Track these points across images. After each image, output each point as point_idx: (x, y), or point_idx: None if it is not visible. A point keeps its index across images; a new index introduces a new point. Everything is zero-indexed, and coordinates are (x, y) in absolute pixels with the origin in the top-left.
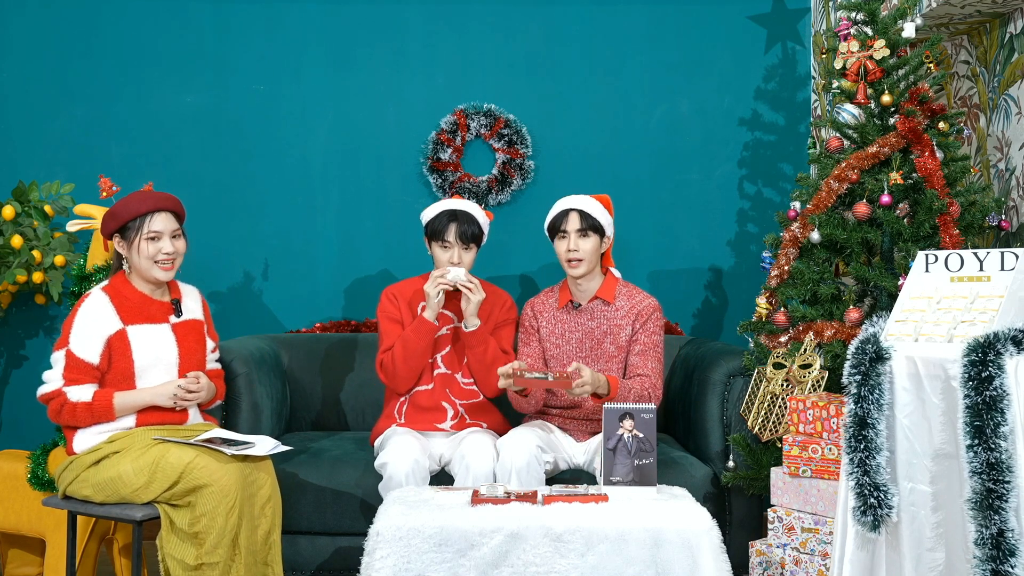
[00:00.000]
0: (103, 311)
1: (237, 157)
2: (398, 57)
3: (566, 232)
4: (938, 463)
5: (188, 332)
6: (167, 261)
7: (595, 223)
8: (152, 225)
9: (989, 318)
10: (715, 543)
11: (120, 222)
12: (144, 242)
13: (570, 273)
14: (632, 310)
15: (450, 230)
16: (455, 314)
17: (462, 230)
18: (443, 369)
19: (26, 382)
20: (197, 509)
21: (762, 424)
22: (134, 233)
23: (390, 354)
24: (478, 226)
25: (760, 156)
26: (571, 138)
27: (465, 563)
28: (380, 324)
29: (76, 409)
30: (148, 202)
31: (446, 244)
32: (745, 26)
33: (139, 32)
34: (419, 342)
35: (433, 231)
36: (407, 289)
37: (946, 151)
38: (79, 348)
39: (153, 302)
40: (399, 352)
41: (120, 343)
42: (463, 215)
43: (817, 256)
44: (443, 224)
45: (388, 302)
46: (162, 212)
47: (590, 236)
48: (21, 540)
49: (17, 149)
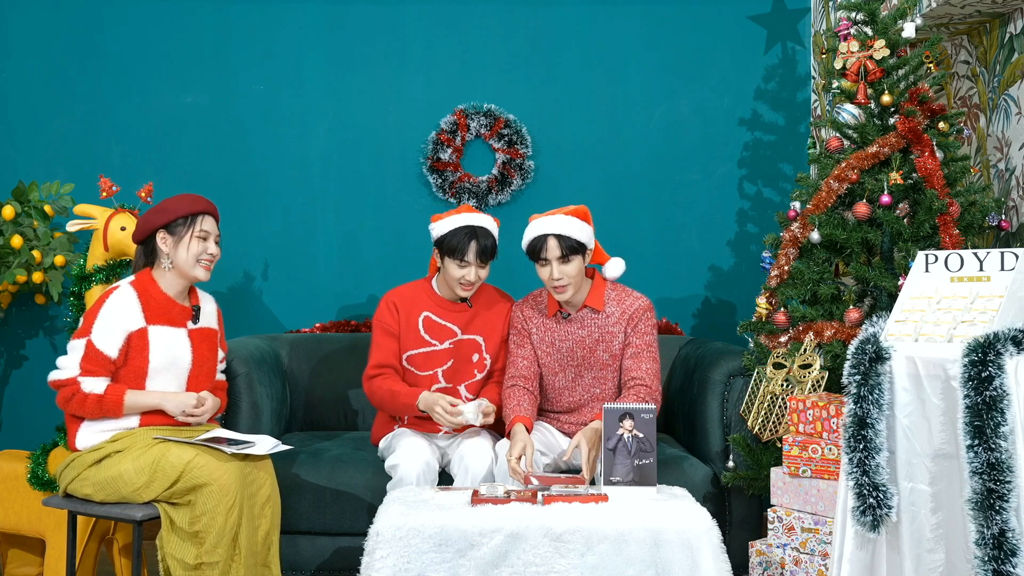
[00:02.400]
0: (130, 307)
1: (237, 157)
2: (398, 57)
3: (547, 260)
4: (938, 463)
5: (203, 340)
6: (209, 262)
7: (574, 244)
8: (204, 225)
9: (989, 318)
10: (715, 543)
11: (171, 217)
12: (194, 239)
13: (558, 298)
14: (623, 315)
15: (471, 249)
16: (458, 327)
17: (482, 248)
18: (443, 383)
19: (26, 382)
20: (197, 508)
21: (762, 424)
22: (185, 230)
23: (378, 388)
24: (494, 240)
25: (760, 156)
26: (571, 138)
27: (465, 563)
28: (374, 334)
29: (87, 400)
30: (201, 203)
31: (464, 263)
32: (745, 26)
33: (139, 32)
34: (403, 412)
35: (451, 248)
36: (407, 295)
37: (946, 151)
38: (100, 340)
39: (176, 305)
40: (386, 401)
41: (140, 341)
42: (482, 231)
43: (817, 256)
44: (463, 242)
45: (387, 311)
46: (210, 216)
47: (572, 260)
48: (21, 540)
49: (17, 149)
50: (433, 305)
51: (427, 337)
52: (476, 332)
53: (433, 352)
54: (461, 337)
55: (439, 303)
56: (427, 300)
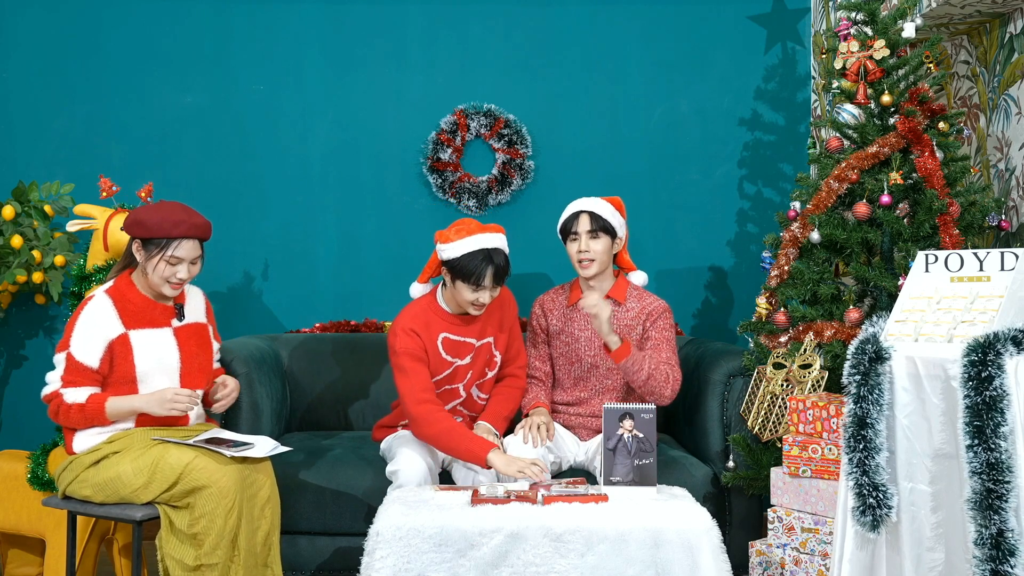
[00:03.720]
0: (105, 315)
1: (237, 157)
2: (398, 57)
3: (577, 234)
4: (938, 463)
5: (190, 336)
6: (177, 286)
7: (605, 224)
8: (176, 251)
9: (989, 318)
10: (715, 543)
11: (148, 234)
12: (162, 263)
13: (582, 274)
14: (642, 312)
15: (487, 274)
16: (473, 338)
17: (497, 270)
18: (463, 396)
19: (26, 382)
20: (196, 510)
21: (762, 424)
22: (156, 250)
23: (426, 425)
24: (507, 257)
25: (760, 156)
26: (571, 138)
27: (465, 563)
28: (402, 362)
29: (71, 411)
30: (182, 228)
31: (480, 288)
32: (745, 26)
33: (139, 32)
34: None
35: (466, 273)
36: (421, 320)
37: (946, 151)
38: (79, 352)
39: (156, 306)
40: (432, 439)
41: (122, 347)
42: (496, 253)
43: (817, 256)
44: (480, 268)
45: (409, 339)
46: (191, 240)
47: (601, 237)
48: (21, 540)
49: (17, 149)
50: (447, 325)
51: (448, 358)
52: (487, 335)
53: (456, 369)
54: (477, 346)
55: (451, 321)
56: (440, 321)
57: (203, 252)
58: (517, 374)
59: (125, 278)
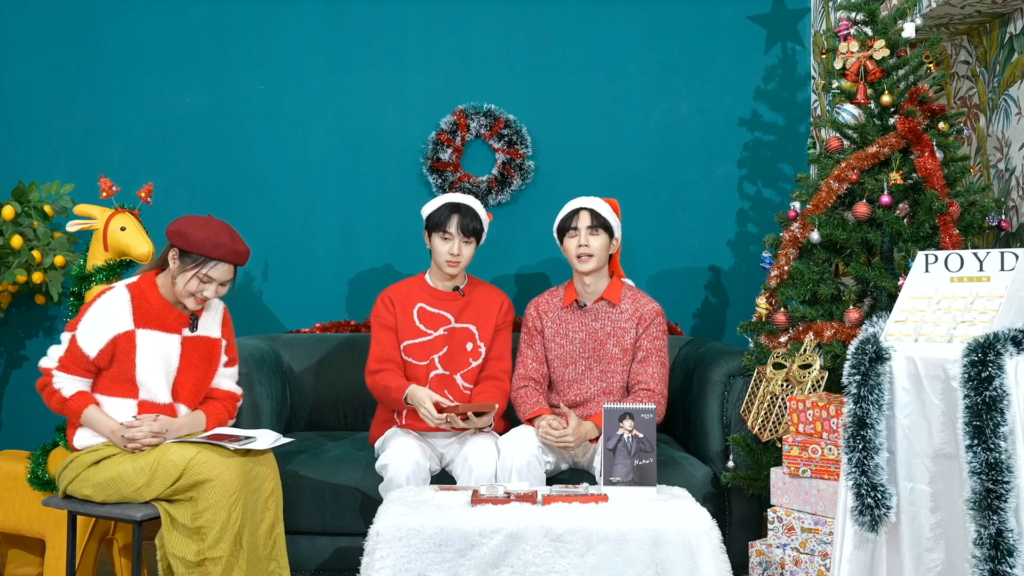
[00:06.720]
0: (119, 308)
1: (237, 157)
2: (398, 57)
3: (576, 229)
4: (938, 463)
5: (196, 348)
6: (200, 302)
7: (605, 222)
8: (212, 271)
9: (989, 318)
10: (715, 543)
11: (188, 247)
12: (195, 279)
13: (580, 269)
14: (636, 313)
15: (452, 221)
16: (452, 315)
17: (464, 223)
18: (440, 370)
19: (26, 382)
20: (199, 504)
21: (762, 424)
22: (192, 265)
23: (380, 382)
24: (480, 221)
25: (760, 156)
26: (571, 138)
27: (465, 563)
28: (372, 330)
29: (55, 396)
30: (222, 250)
31: (447, 235)
32: (745, 26)
33: (139, 32)
34: (394, 406)
35: (435, 222)
36: (401, 290)
37: (946, 151)
38: (83, 338)
39: (172, 311)
40: (382, 396)
41: (126, 344)
42: (466, 208)
43: (817, 256)
44: (445, 216)
45: (383, 307)
46: (226, 265)
47: (600, 233)
48: (21, 540)
49: (17, 149)
50: (426, 296)
51: (421, 327)
52: (469, 320)
53: (428, 341)
54: (455, 325)
55: (432, 293)
56: (420, 292)
57: (235, 277)
58: (501, 377)
59: (150, 278)
